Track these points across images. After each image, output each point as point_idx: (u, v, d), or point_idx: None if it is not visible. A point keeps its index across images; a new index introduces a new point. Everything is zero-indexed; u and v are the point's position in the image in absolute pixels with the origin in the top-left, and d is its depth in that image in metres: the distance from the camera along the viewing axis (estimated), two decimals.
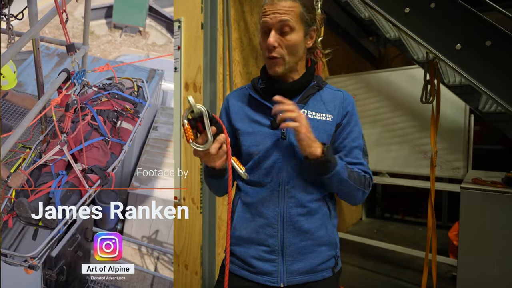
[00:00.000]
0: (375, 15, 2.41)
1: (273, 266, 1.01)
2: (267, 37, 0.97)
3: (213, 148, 0.86)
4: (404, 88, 3.05)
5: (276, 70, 1.00)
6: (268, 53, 0.98)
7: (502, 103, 1.62)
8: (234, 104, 1.10)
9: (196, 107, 0.82)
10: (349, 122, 1.04)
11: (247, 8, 2.39)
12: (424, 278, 2.15)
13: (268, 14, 0.96)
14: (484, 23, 1.61)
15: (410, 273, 3.15)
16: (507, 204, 1.83)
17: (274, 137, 1.01)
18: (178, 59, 2.25)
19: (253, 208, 1.03)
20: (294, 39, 0.97)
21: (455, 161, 2.75)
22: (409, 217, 4.84)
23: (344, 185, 0.98)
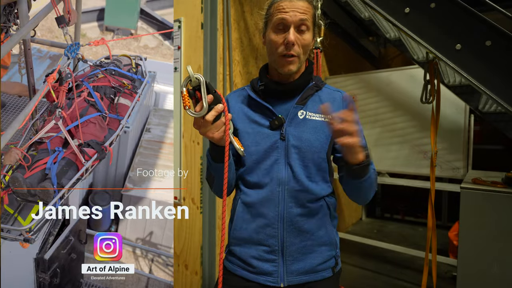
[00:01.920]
0: (375, 15, 2.41)
1: (273, 266, 1.01)
2: (282, 33, 0.98)
3: (210, 115, 0.85)
4: (404, 88, 3.05)
5: (291, 68, 1.00)
6: (286, 50, 0.98)
7: (502, 103, 1.62)
8: (234, 104, 1.10)
9: (194, 76, 0.82)
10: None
11: (247, 8, 2.39)
12: (424, 278, 2.15)
13: (287, 11, 0.96)
14: (484, 23, 1.61)
15: (410, 273, 3.15)
16: (507, 204, 1.83)
17: (274, 137, 1.01)
18: (178, 59, 2.25)
19: (253, 209, 1.03)
20: (309, 39, 0.99)
21: (455, 161, 2.75)
22: (409, 217, 4.85)
23: (369, 186, 0.98)
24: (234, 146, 0.95)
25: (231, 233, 1.08)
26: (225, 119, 0.88)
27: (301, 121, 1.02)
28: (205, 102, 0.83)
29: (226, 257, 1.11)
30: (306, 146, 1.00)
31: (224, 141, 0.90)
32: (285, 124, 1.01)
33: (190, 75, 0.82)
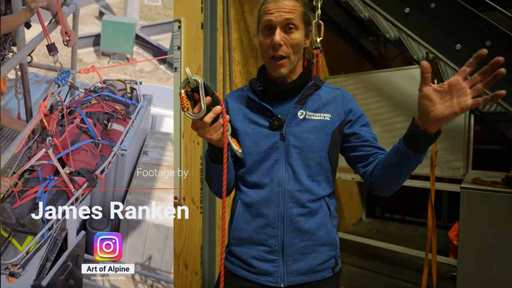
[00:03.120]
0: (375, 15, 2.41)
1: (273, 266, 1.01)
2: (270, 36, 0.97)
3: (208, 117, 0.85)
4: (404, 88, 3.04)
5: (282, 71, 0.99)
6: (273, 51, 0.97)
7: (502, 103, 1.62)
8: (233, 105, 1.10)
9: (192, 78, 0.82)
10: (359, 116, 1.06)
11: (247, 8, 2.39)
12: (424, 278, 2.15)
13: (272, 12, 0.95)
14: (484, 23, 1.61)
15: (410, 273, 3.16)
16: (507, 204, 1.83)
17: (274, 138, 1.01)
18: (178, 59, 2.25)
19: (253, 209, 1.03)
20: (298, 38, 0.97)
21: (455, 161, 2.75)
22: (409, 217, 4.85)
23: (413, 168, 0.94)
24: (232, 148, 0.95)
25: (231, 233, 1.08)
26: (223, 120, 0.88)
27: (301, 121, 1.01)
28: (203, 104, 0.83)
29: (226, 257, 1.11)
30: (307, 145, 1.00)
31: (222, 143, 0.90)
32: (285, 124, 1.01)
33: (188, 76, 0.82)
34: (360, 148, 1.03)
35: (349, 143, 1.05)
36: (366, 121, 1.07)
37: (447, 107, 0.78)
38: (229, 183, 1.06)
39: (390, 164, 0.94)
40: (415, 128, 0.85)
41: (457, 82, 0.77)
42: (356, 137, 1.04)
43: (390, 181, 0.98)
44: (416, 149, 0.87)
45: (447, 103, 0.78)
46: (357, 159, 1.05)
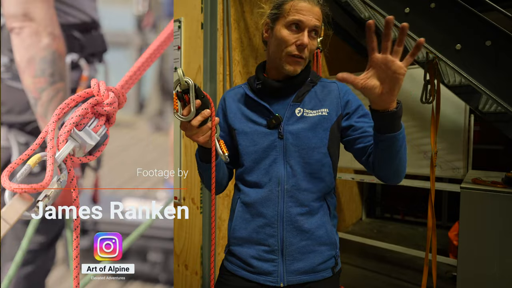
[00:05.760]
0: (375, 15, 2.41)
1: (273, 266, 1.01)
2: (295, 33, 0.98)
3: (195, 120, 0.85)
4: (404, 88, 3.03)
5: (297, 69, 1.01)
6: (298, 51, 0.98)
7: (502, 103, 1.62)
8: (231, 103, 1.10)
9: (183, 80, 0.82)
10: (356, 107, 1.04)
11: (247, 8, 2.39)
12: (424, 278, 2.15)
13: (304, 14, 0.97)
14: (484, 23, 1.61)
15: (410, 273, 3.16)
16: (507, 204, 1.83)
17: (271, 136, 1.01)
18: (178, 59, 2.25)
19: (252, 208, 1.03)
20: (315, 45, 1.01)
21: (455, 161, 2.75)
22: (409, 217, 4.85)
23: (403, 151, 0.92)
24: (217, 151, 0.94)
25: (231, 233, 1.08)
26: (212, 124, 0.88)
27: (299, 118, 1.01)
28: (192, 106, 0.84)
29: (226, 257, 1.11)
30: (305, 143, 1.00)
31: (210, 145, 0.91)
32: (283, 123, 1.01)
33: (179, 78, 0.82)
34: (359, 140, 1.01)
35: (348, 136, 1.04)
36: (364, 112, 1.05)
37: (387, 80, 0.81)
38: (220, 182, 1.06)
39: (378, 152, 0.93)
40: (376, 114, 0.84)
41: (381, 57, 0.81)
42: (353, 130, 1.02)
43: (387, 167, 0.95)
44: (390, 131, 0.85)
45: (386, 79, 0.81)
46: (358, 152, 1.02)
